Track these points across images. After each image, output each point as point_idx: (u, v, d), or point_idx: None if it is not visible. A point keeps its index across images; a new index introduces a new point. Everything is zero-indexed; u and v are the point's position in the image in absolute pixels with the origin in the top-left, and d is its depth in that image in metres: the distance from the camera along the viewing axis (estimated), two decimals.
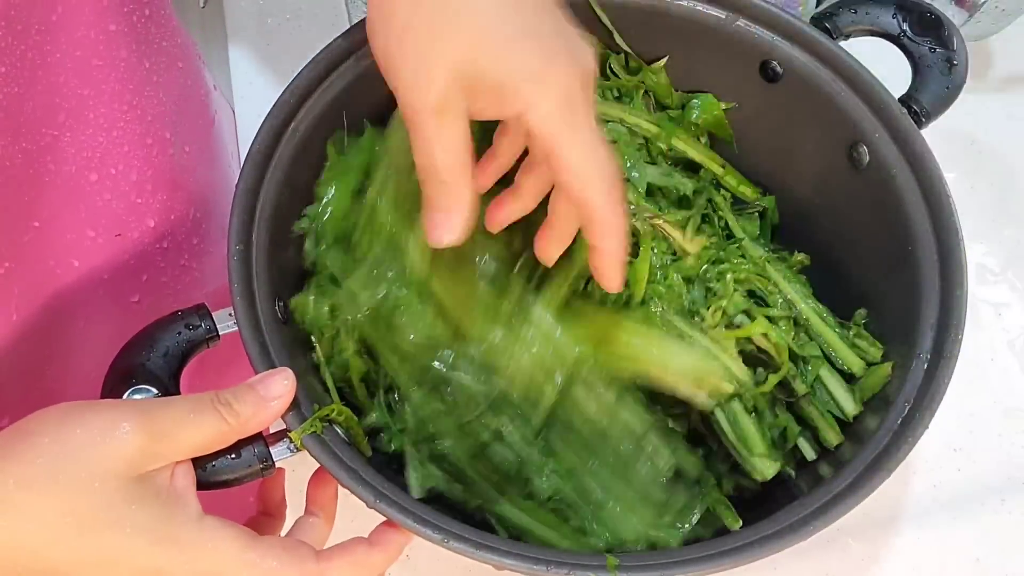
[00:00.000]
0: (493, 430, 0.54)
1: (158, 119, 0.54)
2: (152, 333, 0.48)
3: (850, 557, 0.61)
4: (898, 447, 0.48)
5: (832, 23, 0.60)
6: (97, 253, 0.52)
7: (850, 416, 0.56)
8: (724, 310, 0.57)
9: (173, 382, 0.47)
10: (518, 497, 0.53)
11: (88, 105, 0.48)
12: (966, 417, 0.67)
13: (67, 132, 0.47)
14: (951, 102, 0.58)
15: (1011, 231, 0.75)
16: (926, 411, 0.49)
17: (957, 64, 0.58)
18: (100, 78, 0.48)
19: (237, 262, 0.51)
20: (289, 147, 0.55)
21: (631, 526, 0.51)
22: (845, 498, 0.47)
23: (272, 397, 0.45)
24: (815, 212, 0.64)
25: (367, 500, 0.45)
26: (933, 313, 0.52)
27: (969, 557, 0.62)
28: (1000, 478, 0.65)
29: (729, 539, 0.47)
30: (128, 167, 0.52)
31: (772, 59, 0.60)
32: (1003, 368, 0.69)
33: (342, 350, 0.55)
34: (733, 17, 0.60)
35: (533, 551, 0.46)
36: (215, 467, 0.45)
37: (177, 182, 0.58)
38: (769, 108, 0.63)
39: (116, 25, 0.48)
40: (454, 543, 0.45)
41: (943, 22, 0.59)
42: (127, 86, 0.50)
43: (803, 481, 0.56)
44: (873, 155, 0.58)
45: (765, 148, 0.65)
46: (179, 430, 0.41)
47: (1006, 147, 0.78)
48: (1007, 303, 0.72)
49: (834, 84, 0.59)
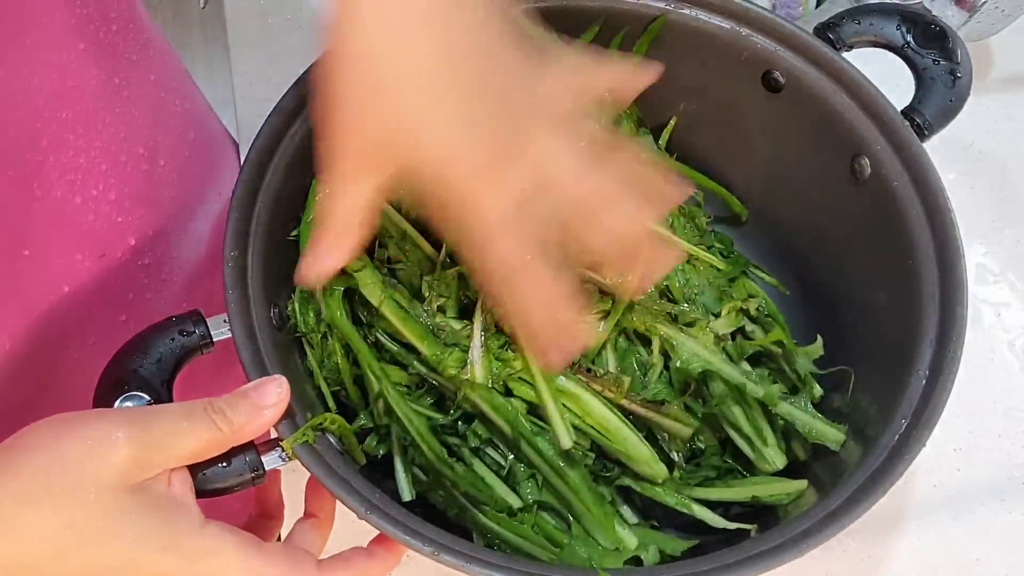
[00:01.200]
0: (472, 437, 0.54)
1: (131, 135, 0.53)
2: (145, 339, 0.48)
3: (850, 557, 0.61)
4: (894, 465, 0.48)
5: (835, 33, 0.59)
6: (84, 276, 0.52)
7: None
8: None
9: (166, 389, 0.47)
10: (491, 509, 0.53)
11: (67, 127, 0.47)
12: (966, 417, 0.67)
13: (51, 156, 0.46)
14: (954, 115, 0.57)
15: (1011, 231, 0.75)
16: (923, 429, 0.49)
17: (961, 77, 0.58)
18: (75, 98, 0.47)
19: (232, 268, 0.51)
20: (287, 153, 0.55)
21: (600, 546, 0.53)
22: (839, 517, 0.47)
23: (266, 405, 0.44)
24: (815, 223, 0.63)
25: (357, 511, 0.45)
26: (932, 329, 0.52)
27: (969, 557, 0.62)
28: (1000, 478, 0.65)
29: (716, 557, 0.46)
30: (107, 186, 0.52)
31: (774, 69, 0.60)
32: (1003, 368, 0.69)
33: (331, 353, 0.55)
34: (736, 26, 0.60)
35: (525, 566, 0.46)
36: (206, 475, 0.44)
37: (154, 197, 0.57)
38: (771, 119, 0.62)
39: (84, 44, 0.47)
40: (445, 556, 0.44)
41: (947, 34, 0.58)
42: (100, 104, 0.50)
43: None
44: (875, 167, 0.57)
45: (766, 159, 0.65)
46: (172, 438, 0.41)
47: (1006, 147, 0.78)
48: (1007, 303, 0.72)
49: (836, 95, 0.58)
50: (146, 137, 0.55)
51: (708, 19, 0.60)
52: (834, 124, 0.59)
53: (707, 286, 0.61)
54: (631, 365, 0.57)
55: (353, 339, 0.55)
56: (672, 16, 0.60)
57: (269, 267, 0.53)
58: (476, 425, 0.55)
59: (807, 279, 0.64)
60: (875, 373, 0.56)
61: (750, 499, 0.57)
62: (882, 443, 0.49)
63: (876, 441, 0.50)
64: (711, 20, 0.60)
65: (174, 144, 0.59)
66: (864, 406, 0.56)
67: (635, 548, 0.53)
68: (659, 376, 0.57)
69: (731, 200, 0.67)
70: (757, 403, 0.57)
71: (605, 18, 0.61)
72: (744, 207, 0.67)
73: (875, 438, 0.50)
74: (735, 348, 0.59)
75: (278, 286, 0.54)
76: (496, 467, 0.55)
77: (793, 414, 0.56)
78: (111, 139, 0.51)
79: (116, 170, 0.52)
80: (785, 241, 0.66)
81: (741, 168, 0.67)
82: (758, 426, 0.58)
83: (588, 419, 0.54)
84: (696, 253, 0.61)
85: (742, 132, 0.64)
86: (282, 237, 0.55)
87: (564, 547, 0.53)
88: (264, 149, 0.54)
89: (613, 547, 0.52)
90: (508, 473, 0.55)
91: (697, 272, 0.61)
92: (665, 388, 0.57)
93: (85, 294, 0.52)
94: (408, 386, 0.58)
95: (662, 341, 0.58)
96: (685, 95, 0.65)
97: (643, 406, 0.56)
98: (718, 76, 0.62)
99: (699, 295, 0.60)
